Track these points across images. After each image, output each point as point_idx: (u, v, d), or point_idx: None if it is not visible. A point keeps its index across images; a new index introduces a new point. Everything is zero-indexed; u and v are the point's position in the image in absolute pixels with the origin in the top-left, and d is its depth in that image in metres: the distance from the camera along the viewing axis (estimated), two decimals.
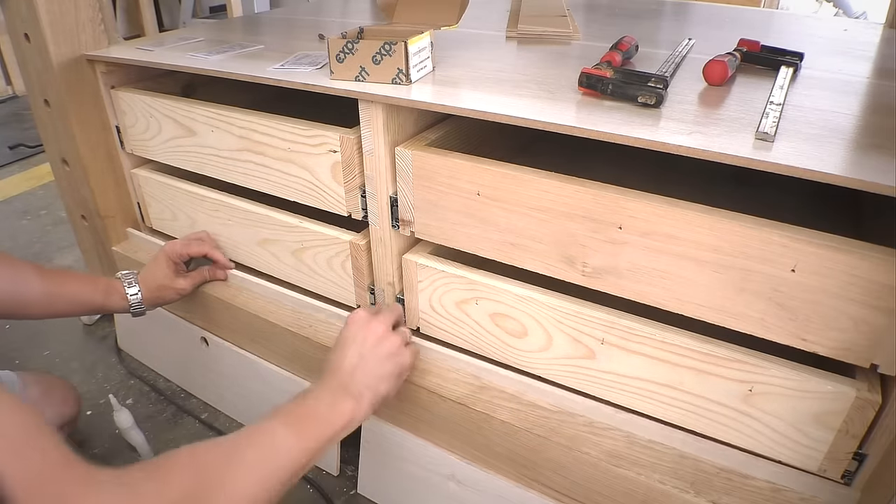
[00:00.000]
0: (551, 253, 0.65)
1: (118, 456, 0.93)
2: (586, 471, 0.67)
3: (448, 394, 0.74)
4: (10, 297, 0.76)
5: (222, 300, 0.93)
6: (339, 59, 0.71)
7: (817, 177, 0.49)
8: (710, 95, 0.68)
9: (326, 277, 0.86)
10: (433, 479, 0.79)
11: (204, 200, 0.95)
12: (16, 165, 2.06)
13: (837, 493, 0.59)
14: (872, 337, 0.52)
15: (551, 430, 0.69)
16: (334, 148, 0.74)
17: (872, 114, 0.64)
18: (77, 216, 1.11)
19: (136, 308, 0.87)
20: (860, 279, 0.50)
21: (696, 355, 0.61)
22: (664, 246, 0.58)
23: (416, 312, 0.79)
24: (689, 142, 0.54)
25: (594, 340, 0.66)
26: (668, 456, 0.65)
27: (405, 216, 0.74)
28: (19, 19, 0.92)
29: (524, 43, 0.94)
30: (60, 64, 0.93)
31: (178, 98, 0.91)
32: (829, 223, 0.58)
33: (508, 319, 0.71)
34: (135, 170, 1.04)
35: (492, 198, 0.66)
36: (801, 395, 0.57)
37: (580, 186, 0.60)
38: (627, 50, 0.79)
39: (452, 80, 0.74)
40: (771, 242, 0.53)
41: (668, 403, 0.65)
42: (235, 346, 0.96)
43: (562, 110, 0.62)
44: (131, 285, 0.86)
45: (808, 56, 0.81)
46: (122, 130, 1.00)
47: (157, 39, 1.03)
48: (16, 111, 2.61)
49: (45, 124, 1.02)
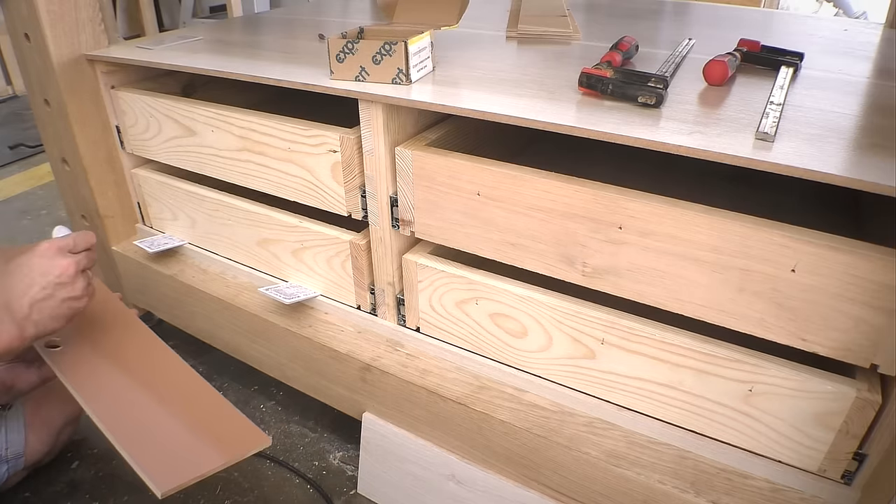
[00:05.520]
0: (551, 253, 0.65)
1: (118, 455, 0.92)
2: (586, 471, 0.67)
3: (448, 394, 0.74)
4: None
5: (222, 300, 0.93)
6: (339, 59, 0.71)
7: (817, 177, 0.49)
8: (710, 95, 0.68)
9: (326, 277, 0.86)
10: (433, 479, 0.79)
11: (204, 200, 0.95)
12: (16, 165, 2.06)
13: (837, 493, 0.59)
14: (872, 337, 0.52)
15: (551, 430, 0.69)
16: (334, 148, 0.74)
17: (872, 114, 0.63)
18: (77, 216, 1.11)
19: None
20: (860, 279, 0.50)
21: (696, 355, 0.61)
22: (664, 246, 0.58)
23: (416, 312, 0.79)
24: (689, 142, 0.54)
25: (594, 340, 0.66)
26: (668, 456, 0.65)
27: (405, 216, 0.74)
28: (19, 19, 0.92)
29: (524, 43, 0.94)
30: (60, 64, 0.93)
31: (178, 98, 0.91)
32: (829, 223, 0.58)
33: (508, 319, 0.71)
34: (135, 170, 1.04)
35: (492, 198, 0.66)
36: (801, 395, 0.57)
37: (580, 186, 0.60)
38: (627, 50, 0.79)
39: (452, 80, 0.74)
40: (771, 242, 0.53)
41: (668, 403, 0.65)
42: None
43: (562, 110, 0.62)
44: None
45: (808, 56, 0.81)
46: (122, 130, 1.00)
47: (157, 39, 1.03)
48: (16, 111, 2.61)
49: (45, 124, 1.02)
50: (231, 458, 0.65)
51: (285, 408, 1.02)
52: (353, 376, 0.83)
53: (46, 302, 0.67)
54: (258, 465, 0.91)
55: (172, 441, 0.66)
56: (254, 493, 0.87)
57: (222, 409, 0.72)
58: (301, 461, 0.92)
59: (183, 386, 0.74)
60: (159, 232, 1.07)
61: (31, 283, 0.66)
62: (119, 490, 0.88)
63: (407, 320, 0.81)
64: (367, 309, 0.85)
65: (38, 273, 0.67)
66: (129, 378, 0.74)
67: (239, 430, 0.70)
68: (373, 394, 0.82)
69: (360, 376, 0.82)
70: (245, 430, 0.69)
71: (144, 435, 0.67)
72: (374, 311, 0.84)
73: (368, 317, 0.85)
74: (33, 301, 0.66)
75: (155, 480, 0.60)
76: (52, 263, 0.68)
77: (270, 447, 0.94)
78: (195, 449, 0.66)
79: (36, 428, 0.84)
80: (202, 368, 1.10)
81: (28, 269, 0.67)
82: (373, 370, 0.80)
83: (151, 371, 0.76)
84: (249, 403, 1.03)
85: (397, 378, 0.78)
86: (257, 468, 0.91)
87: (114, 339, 0.80)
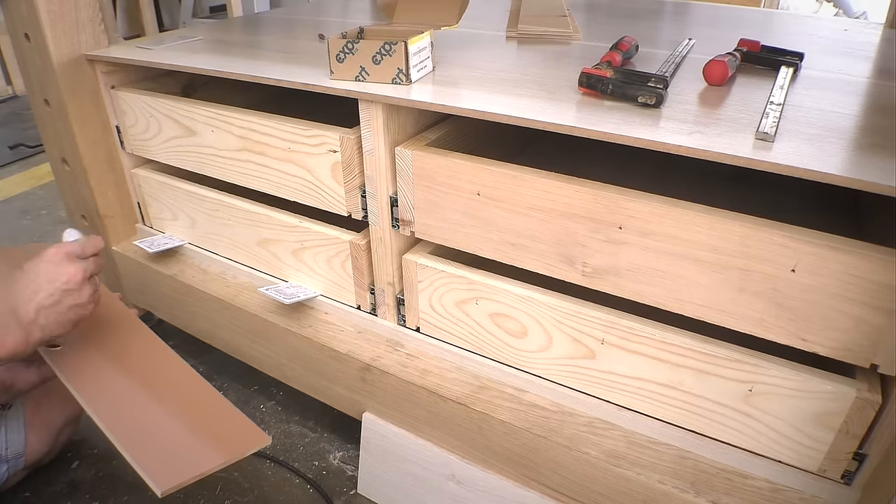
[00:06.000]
0: (551, 253, 0.65)
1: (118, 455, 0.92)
2: (586, 471, 0.67)
3: (448, 394, 0.74)
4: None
5: (222, 300, 0.93)
6: (339, 59, 0.71)
7: (817, 177, 0.49)
8: (710, 95, 0.68)
9: (326, 277, 0.86)
10: (433, 479, 0.79)
11: (204, 200, 0.95)
12: (16, 165, 2.06)
13: (837, 493, 0.59)
14: (872, 337, 0.52)
15: (551, 430, 0.69)
16: (334, 148, 0.74)
17: (872, 114, 0.63)
18: (77, 216, 1.11)
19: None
20: (860, 279, 0.50)
21: (696, 355, 0.61)
22: (664, 246, 0.58)
23: (416, 312, 0.79)
24: (689, 142, 0.54)
25: (594, 340, 0.66)
26: (668, 456, 0.65)
27: (405, 216, 0.74)
28: (19, 19, 0.92)
29: (524, 43, 0.94)
30: (60, 64, 0.93)
31: (178, 98, 0.91)
32: (829, 223, 0.58)
33: (508, 319, 0.71)
34: (135, 170, 1.04)
35: (492, 198, 0.66)
36: (801, 395, 0.57)
37: (580, 186, 0.60)
38: (627, 50, 0.79)
39: (452, 80, 0.74)
40: (771, 242, 0.53)
41: (668, 403, 0.65)
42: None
43: (562, 110, 0.62)
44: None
45: (808, 56, 0.81)
46: (122, 130, 1.00)
47: (157, 39, 1.03)
48: (16, 111, 2.61)
49: (45, 124, 1.02)
50: (231, 457, 0.65)
51: (285, 408, 1.02)
52: (353, 376, 0.83)
53: (53, 308, 0.67)
54: (258, 465, 0.91)
55: (172, 440, 0.66)
56: (254, 493, 0.87)
57: (222, 408, 0.72)
58: (301, 461, 0.92)
59: (182, 385, 0.74)
60: (159, 232, 1.07)
61: (38, 288, 0.67)
62: (119, 490, 0.88)
63: (407, 320, 0.81)
64: (367, 309, 0.85)
65: (46, 279, 0.67)
66: (128, 377, 0.74)
67: (239, 429, 0.70)
68: (373, 394, 0.82)
69: (360, 376, 0.82)
70: (245, 429, 0.69)
71: (144, 434, 0.67)
72: (374, 311, 0.84)
73: (368, 317, 0.85)
74: (40, 306, 0.66)
75: (155, 479, 0.60)
76: (60, 270, 0.68)
77: (270, 447, 0.94)
78: (195, 448, 0.66)
79: (36, 428, 0.84)
80: (202, 368, 1.10)
81: (35, 275, 0.67)
82: (373, 370, 0.80)
83: (151, 370, 0.76)
84: (249, 403, 1.03)
85: (397, 378, 0.78)
86: (257, 468, 0.91)
87: (114, 338, 0.80)
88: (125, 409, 0.69)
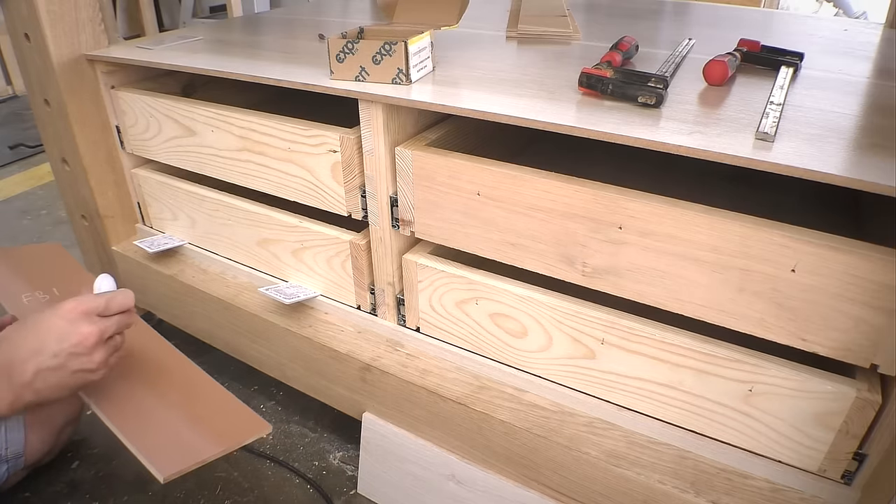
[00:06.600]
0: (551, 253, 0.65)
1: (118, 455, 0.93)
2: (586, 471, 0.67)
3: (448, 394, 0.74)
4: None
5: (222, 300, 0.93)
6: (339, 59, 0.71)
7: (817, 177, 0.49)
8: (710, 95, 0.68)
9: (326, 277, 0.86)
10: (433, 479, 0.79)
11: (204, 200, 0.95)
12: (16, 165, 2.06)
13: (837, 493, 0.59)
14: (872, 337, 0.52)
15: (551, 430, 0.69)
16: (334, 148, 0.74)
17: (872, 114, 0.63)
18: (77, 216, 1.11)
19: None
20: (860, 279, 0.50)
21: (696, 355, 0.61)
22: (664, 246, 0.58)
23: (416, 312, 0.79)
24: (689, 142, 0.54)
25: (594, 340, 0.66)
26: (668, 456, 0.65)
27: (405, 216, 0.74)
28: (19, 19, 0.92)
29: (524, 43, 0.94)
30: (60, 64, 0.93)
31: (178, 98, 0.91)
32: (829, 223, 0.58)
33: (508, 319, 0.71)
34: (135, 170, 1.04)
35: (492, 198, 0.66)
36: (801, 395, 0.57)
37: (580, 186, 0.60)
38: (627, 50, 0.79)
39: (452, 80, 0.74)
40: (771, 242, 0.53)
41: (668, 403, 0.65)
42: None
43: (562, 110, 0.62)
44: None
45: (808, 56, 0.81)
46: (122, 130, 1.00)
47: (157, 39, 1.03)
48: (16, 111, 2.61)
49: (45, 124, 1.02)
50: (232, 445, 0.65)
51: (285, 408, 1.02)
52: (353, 376, 0.83)
53: (55, 371, 0.60)
54: (258, 465, 0.91)
55: (173, 428, 0.67)
56: (254, 493, 0.87)
57: (222, 397, 0.73)
58: (301, 461, 0.92)
59: (181, 375, 0.75)
60: (159, 232, 1.07)
61: (42, 347, 0.59)
62: (119, 490, 0.88)
63: (407, 320, 0.81)
64: (367, 309, 0.85)
65: (55, 337, 0.60)
66: (128, 369, 0.74)
67: (239, 417, 0.70)
68: (373, 394, 0.82)
69: (360, 376, 0.82)
70: (245, 418, 0.70)
71: (145, 423, 0.67)
72: (374, 311, 0.84)
73: (368, 317, 0.85)
74: (39, 368, 0.59)
75: (157, 466, 0.60)
76: (72, 329, 0.60)
77: (270, 447, 0.94)
78: (196, 435, 0.66)
79: (36, 427, 0.84)
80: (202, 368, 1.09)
81: (45, 331, 0.60)
82: (373, 370, 0.80)
83: (150, 362, 0.76)
84: (249, 403, 1.01)
85: (397, 378, 0.78)
86: (257, 468, 0.91)
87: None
88: (125, 399, 0.70)
